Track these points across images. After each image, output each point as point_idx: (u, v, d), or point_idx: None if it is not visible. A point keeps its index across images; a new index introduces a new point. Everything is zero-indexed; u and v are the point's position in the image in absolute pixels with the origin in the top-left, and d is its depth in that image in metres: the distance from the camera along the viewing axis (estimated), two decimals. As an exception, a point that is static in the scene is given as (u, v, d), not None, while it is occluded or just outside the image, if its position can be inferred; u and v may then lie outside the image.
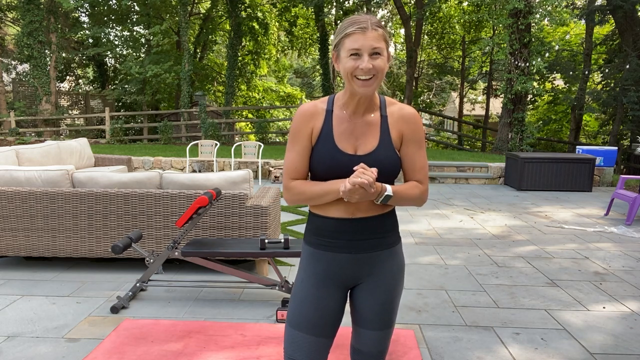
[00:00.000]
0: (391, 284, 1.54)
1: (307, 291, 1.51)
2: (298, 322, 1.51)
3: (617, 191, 6.35)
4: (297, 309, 1.52)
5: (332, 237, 1.49)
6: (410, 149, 1.49)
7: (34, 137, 14.75)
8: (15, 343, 2.73)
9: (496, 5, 12.51)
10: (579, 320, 3.14)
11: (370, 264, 1.51)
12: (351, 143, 1.45)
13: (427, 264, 4.28)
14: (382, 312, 1.53)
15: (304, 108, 1.49)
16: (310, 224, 1.55)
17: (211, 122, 14.23)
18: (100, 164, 7.27)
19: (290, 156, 1.49)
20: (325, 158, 1.44)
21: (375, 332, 1.54)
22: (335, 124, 1.46)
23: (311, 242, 1.54)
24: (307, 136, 1.47)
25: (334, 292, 1.52)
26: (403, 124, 1.48)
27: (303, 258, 1.57)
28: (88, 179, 3.96)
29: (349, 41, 1.35)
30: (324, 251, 1.51)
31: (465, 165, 9.82)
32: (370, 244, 1.49)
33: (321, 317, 1.50)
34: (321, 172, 1.45)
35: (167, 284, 3.50)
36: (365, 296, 1.53)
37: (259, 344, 2.71)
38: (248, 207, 3.78)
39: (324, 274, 1.51)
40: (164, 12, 19.17)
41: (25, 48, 15.26)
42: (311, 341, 1.50)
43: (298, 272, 1.57)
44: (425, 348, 2.73)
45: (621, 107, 13.92)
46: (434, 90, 28.05)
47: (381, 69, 1.37)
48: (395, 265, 1.55)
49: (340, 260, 1.50)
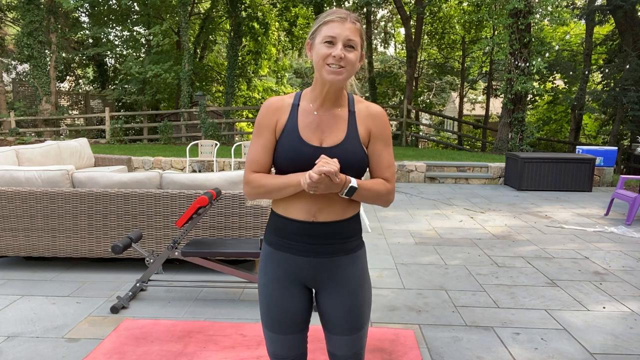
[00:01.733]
0: (354, 289, 1.50)
1: (270, 295, 1.51)
2: (268, 323, 1.54)
3: (617, 191, 6.35)
4: (265, 312, 1.53)
5: (292, 239, 1.46)
6: (378, 146, 1.47)
7: (34, 137, 14.75)
8: (15, 343, 2.73)
9: (496, 5, 12.51)
10: (579, 320, 3.14)
11: (330, 268, 1.48)
12: (317, 135, 1.43)
13: (427, 264, 4.28)
14: (349, 317, 1.51)
15: (270, 101, 1.48)
16: (271, 222, 1.53)
17: (211, 122, 14.23)
18: (100, 164, 7.27)
19: (253, 149, 1.47)
20: (289, 150, 1.41)
21: (345, 337, 1.52)
22: (301, 116, 1.45)
23: (270, 242, 1.52)
24: (271, 129, 1.45)
25: (296, 292, 1.51)
26: (371, 121, 1.47)
27: (262, 259, 1.55)
28: (88, 179, 3.96)
29: (326, 28, 1.36)
30: (283, 252, 1.49)
31: (465, 165, 9.82)
32: (330, 249, 1.47)
33: (288, 317, 1.51)
34: (285, 165, 1.42)
35: (167, 284, 3.50)
36: (329, 302, 1.51)
37: (259, 344, 2.71)
38: (248, 207, 3.78)
39: (284, 276, 1.49)
40: (164, 12, 19.17)
41: (25, 48, 15.26)
42: (286, 339, 1.54)
43: (259, 275, 1.55)
44: (425, 348, 2.73)
45: (621, 107, 13.92)
46: (434, 90, 28.05)
47: (352, 62, 1.36)
48: (357, 270, 1.51)
49: (299, 262, 1.48)
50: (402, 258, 4.45)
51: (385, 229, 5.58)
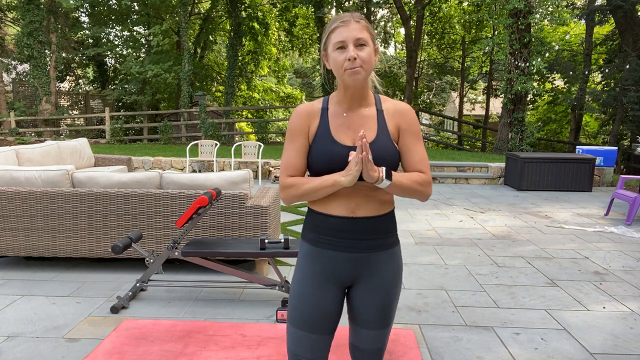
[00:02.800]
0: (389, 285, 1.54)
1: (306, 290, 1.52)
2: (299, 321, 1.52)
3: (617, 191, 6.35)
4: (297, 308, 1.53)
5: (332, 235, 1.49)
6: (408, 140, 1.50)
7: (34, 137, 14.75)
8: (15, 343, 2.73)
9: (496, 5, 12.51)
10: (579, 320, 3.14)
11: (368, 264, 1.51)
12: (349, 135, 1.47)
13: (427, 264, 4.28)
14: (380, 313, 1.54)
15: (300, 107, 1.53)
16: (308, 221, 1.55)
17: (211, 122, 14.23)
18: (100, 164, 7.27)
19: (288, 154, 1.51)
20: (324, 152, 1.46)
21: (374, 332, 1.56)
22: (332, 119, 1.49)
23: (309, 239, 1.54)
24: (305, 134, 1.50)
25: (332, 290, 1.52)
26: (399, 117, 1.51)
27: (300, 256, 1.57)
28: (88, 179, 3.96)
29: (334, 35, 1.41)
30: (322, 249, 1.51)
31: (465, 165, 9.82)
32: (370, 244, 1.50)
33: (321, 315, 1.51)
34: (321, 167, 1.47)
35: (167, 284, 3.50)
36: (363, 296, 1.54)
37: (259, 344, 2.71)
38: (248, 207, 3.78)
39: (322, 272, 1.51)
40: (164, 12, 19.17)
41: (25, 48, 15.26)
42: (313, 339, 1.52)
43: (295, 271, 1.57)
44: (425, 348, 2.73)
45: (621, 107, 13.92)
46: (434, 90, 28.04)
47: (366, 59, 1.40)
48: (394, 266, 1.55)
49: (339, 259, 1.50)
50: (402, 258, 4.44)
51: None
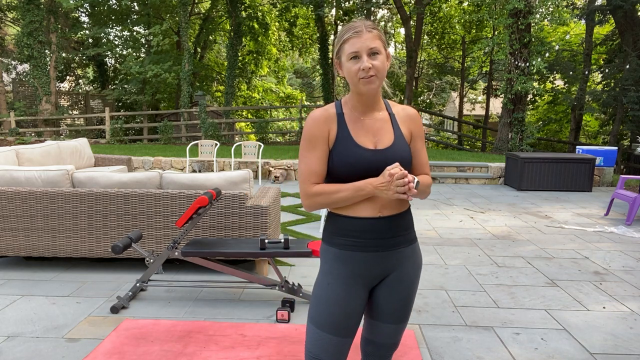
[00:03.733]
0: (411, 280, 1.59)
1: (334, 293, 1.52)
2: (324, 323, 1.52)
3: (617, 191, 6.35)
4: (324, 310, 1.52)
5: (359, 236, 1.51)
6: (417, 144, 1.61)
7: (34, 137, 14.75)
8: (15, 343, 2.73)
9: (496, 5, 12.51)
10: (579, 320, 3.14)
11: (394, 260, 1.56)
12: (369, 139, 1.52)
13: (427, 264, 4.28)
14: (401, 307, 1.59)
15: (315, 114, 1.53)
16: (331, 225, 1.56)
17: (211, 122, 14.23)
18: (100, 164, 7.27)
19: (309, 162, 1.50)
20: (347, 157, 1.48)
21: (393, 326, 1.60)
22: (350, 123, 1.53)
23: (335, 243, 1.54)
24: (324, 140, 1.51)
25: (360, 292, 1.54)
26: (410, 122, 1.59)
27: (327, 261, 1.56)
28: (88, 179, 3.96)
29: (347, 46, 1.45)
30: (351, 251, 1.52)
31: (465, 165, 9.82)
32: (396, 241, 1.55)
33: (348, 318, 1.53)
34: (345, 171, 1.47)
35: (167, 284, 3.50)
36: (386, 292, 1.58)
37: (259, 344, 2.71)
38: (248, 207, 3.78)
39: (351, 274, 1.53)
40: (164, 12, 19.17)
41: (25, 48, 15.26)
42: (336, 342, 1.53)
43: (322, 275, 1.56)
44: (425, 348, 2.73)
45: (621, 107, 13.93)
46: (434, 90, 28.05)
47: (380, 68, 1.44)
48: (416, 261, 1.61)
49: (367, 259, 1.52)
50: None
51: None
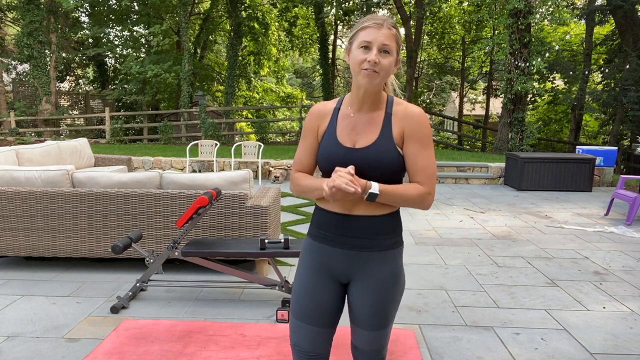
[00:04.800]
0: (383, 288, 1.52)
1: (305, 283, 1.57)
2: (298, 312, 1.58)
3: (617, 191, 6.35)
4: (296, 299, 1.59)
5: (330, 230, 1.54)
6: (412, 147, 1.46)
7: (34, 137, 14.75)
8: (15, 343, 2.73)
9: (496, 5, 12.51)
10: (579, 320, 3.14)
11: (360, 263, 1.52)
12: (351, 137, 1.50)
13: (427, 264, 4.28)
14: (374, 314, 1.53)
15: (314, 107, 1.60)
16: (314, 216, 1.62)
17: (211, 122, 14.23)
18: (100, 164, 7.27)
19: (298, 151, 1.62)
20: (325, 152, 1.52)
21: (369, 332, 1.56)
22: (340, 120, 1.54)
23: (311, 233, 1.61)
24: (314, 133, 1.57)
25: (327, 283, 1.56)
26: (405, 121, 1.47)
27: (302, 249, 1.64)
28: (88, 179, 3.96)
29: (363, 33, 1.42)
30: (319, 243, 1.57)
31: (465, 165, 9.82)
32: (362, 243, 1.50)
33: (317, 307, 1.55)
34: (322, 165, 1.54)
35: (167, 284, 3.50)
36: (357, 296, 1.55)
37: (259, 344, 2.71)
38: (248, 207, 3.78)
39: (318, 265, 1.57)
40: (164, 12, 19.17)
41: (25, 48, 15.25)
42: (310, 330, 1.57)
43: (298, 265, 1.63)
44: (425, 348, 2.73)
45: (621, 107, 13.92)
46: (434, 90, 28.05)
47: (386, 68, 1.41)
48: (391, 269, 1.53)
49: (331, 253, 1.54)
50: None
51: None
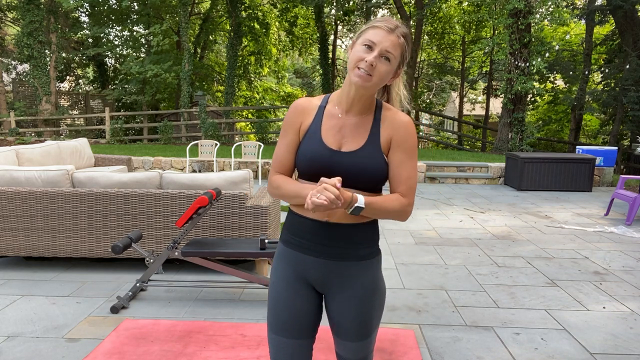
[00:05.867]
0: (364, 297, 1.47)
1: (278, 294, 1.48)
2: (275, 325, 1.49)
3: (617, 191, 6.35)
4: (272, 312, 1.50)
5: (305, 237, 1.45)
6: (397, 156, 1.42)
7: (34, 137, 14.75)
8: (15, 343, 2.73)
9: (496, 5, 12.51)
10: (579, 320, 3.14)
11: (338, 273, 1.46)
12: (337, 139, 1.42)
13: (427, 264, 4.28)
14: (356, 325, 1.48)
15: (297, 102, 1.49)
16: (287, 220, 1.52)
17: (211, 122, 14.23)
18: (100, 164, 7.27)
19: (278, 149, 1.50)
20: (307, 152, 1.42)
21: (352, 343, 1.50)
22: (325, 119, 1.45)
23: (284, 240, 1.51)
24: (296, 130, 1.47)
25: (304, 292, 1.48)
26: (393, 129, 1.42)
27: (275, 257, 1.54)
28: (88, 179, 3.96)
29: (372, 32, 1.36)
30: (293, 250, 1.48)
31: (465, 165, 9.82)
32: (340, 252, 1.44)
33: (295, 318, 1.47)
34: (303, 166, 1.43)
35: (167, 284, 3.50)
36: (337, 307, 1.49)
37: (259, 344, 2.71)
38: (248, 207, 3.78)
39: (293, 274, 1.48)
40: (164, 12, 19.17)
41: (25, 48, 15.25)
42: (290, 344, 1.48)
43: (270, 273, 1.54)
44: (425, 348, 2.73)
45: (621, 107, 13.93)
46: (434, 90, 28.05)
47: (381, 74, 1.35)
48: (368, 279, 1.47)
49: (307, 262, 1.46)
50: (402, 258, 4.45)
51: (385, 228, 5.58)
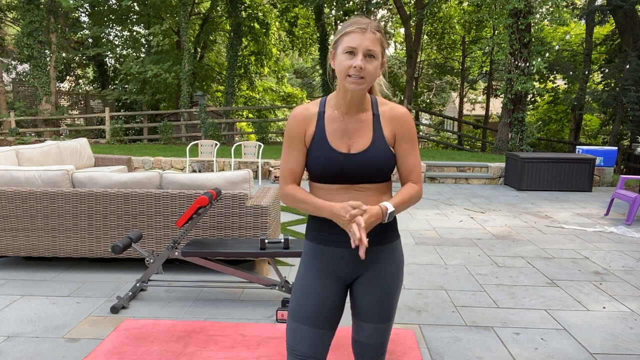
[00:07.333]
0: (389, 280, 1.56)
1: (307, 284, 1.55)
2: (299, 314, 1.54)
3: (617, 191, 6.35)
4: (297, 301, 1.55)
5: (332, 232, 1.52)
6: (404, 147, 1.52)
7: (34, 137, 14.75)
8: (15, 343, 2.73)
9: (496, 5, 12.51)
10: (579, 320, 3.14)
11: (368, 259, 1.54)
12: (344, 142, 1.48)
13: (427, 264, 4.28)
14: (380, 307, 1.56)
15: (296, 111, 1.53)
16: (311, 220, 1.58)
17: (211, 122, 14.23)
18: (100, 164, 7.27)
19: (286, 159, 1.54)
20: (319, 158, 1.48)
21: (374, 325, 1.58)
22: (328, 124, 1.50)
23: (312, 237, 1.57)
24: (302, 139, 1.52)
25: (333, 285, 1.55)
26: (395, 123, 1.51)
27: (304, 254, 1.61)
28: (88, 179, 3.96)
29: (347, 39, 1.40)
30: (323, 246, 1.54)
31: (465, 165, 9.82)
32: (370, 240, 1.50)
33: (321, 309, 1.53)
34: (317, 172, 1.49)
35: (167, 284, 3.50)
36: (364, 290, 1.56)
37: (259, 344, 2.71)
38: (248, 207, 3.78)
39: (323, 267, 1.55)
40: (164, 12, 19.17)
41: (25, 48, 15.25)
42: (311, 333, 1.53)
43: (299, 268, 1.61)
44: (425, 348, 2.73)
45: (621, 107, 13.93)
46: (434, 90, 28.05)
47: (371, 73, 1.40)
48: (394, 261, 1.58)
49: (339, 254, 1.53)
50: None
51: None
